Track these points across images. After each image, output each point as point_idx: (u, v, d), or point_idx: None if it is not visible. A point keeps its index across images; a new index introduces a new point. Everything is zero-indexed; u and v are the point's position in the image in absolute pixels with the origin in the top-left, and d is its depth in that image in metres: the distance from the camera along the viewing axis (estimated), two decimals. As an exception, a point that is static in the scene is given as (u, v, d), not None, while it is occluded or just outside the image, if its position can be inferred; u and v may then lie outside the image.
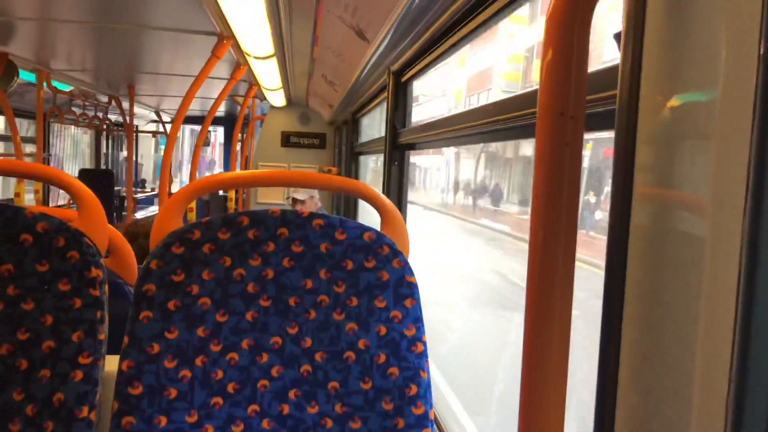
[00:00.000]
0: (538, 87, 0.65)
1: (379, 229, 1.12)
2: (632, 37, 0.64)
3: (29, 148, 5.74)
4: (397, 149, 2.36)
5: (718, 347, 0.53)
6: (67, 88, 5.25)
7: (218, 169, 15.16)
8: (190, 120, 8.50)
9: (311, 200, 4.18)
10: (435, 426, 1.22)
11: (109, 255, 1.32)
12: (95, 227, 1.09)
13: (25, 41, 3.60)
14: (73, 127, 7.74)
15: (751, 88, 0.50)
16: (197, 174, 4.42)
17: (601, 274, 0.65)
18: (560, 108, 0.59)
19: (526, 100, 1.11)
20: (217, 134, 13.63)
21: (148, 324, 1.01)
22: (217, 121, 8.79)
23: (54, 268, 1.02)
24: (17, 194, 3.97)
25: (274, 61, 3.24)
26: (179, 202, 1.12)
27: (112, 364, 1.06)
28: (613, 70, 0.73)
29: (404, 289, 1.06)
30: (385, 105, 2.52)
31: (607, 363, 0.66)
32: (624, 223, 0.65)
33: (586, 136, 0.63)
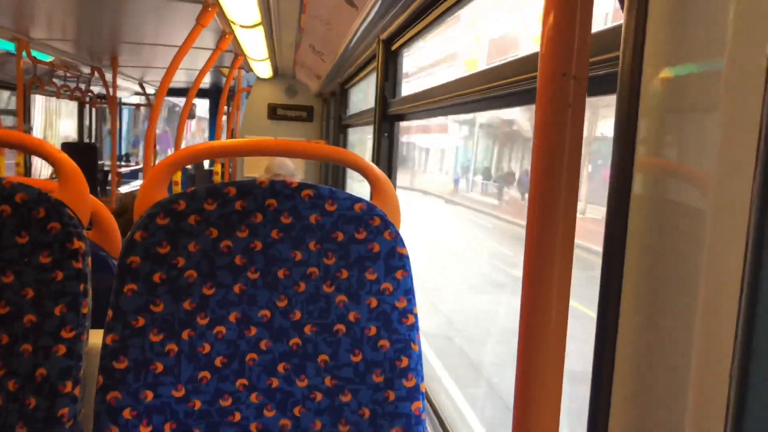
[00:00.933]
0: (538, 51, 0.62)
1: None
2: (637, 0, 0.62)
3: (9, 121, 5.63)
4: (387, 120, 2.33)
5: (719, 326, 0.51)
6: (48, 59, 5.14)
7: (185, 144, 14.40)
8: (175, 92, 8.37)
9: (291, 179, 4.14)
10: (425, 399, 1.21)
11: (92, 227, 1.28)
12: (77, 198, 1.06)
13: (4, 8, 3.50)
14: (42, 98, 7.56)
15: (762, 55, 0.47)
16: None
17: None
18: (562, 68, 0.56)
19: (524, 64, 1.08)
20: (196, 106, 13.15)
21: (133, 297, 0.98)
22: (202, 93, 8.66)
23: (34, 240, 0.99)
24: None
25: (260, 30, 3.18)
26: (163, 172, 1.08)
27: (95, 338, 1.03)
28: (617, 30, 0.71)
29: (395, 260, 1.04)
30: (374, 75, 2.48)
31: (605, 335, 0.65)
32: (624, 193, 0.63)
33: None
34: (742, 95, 0.49)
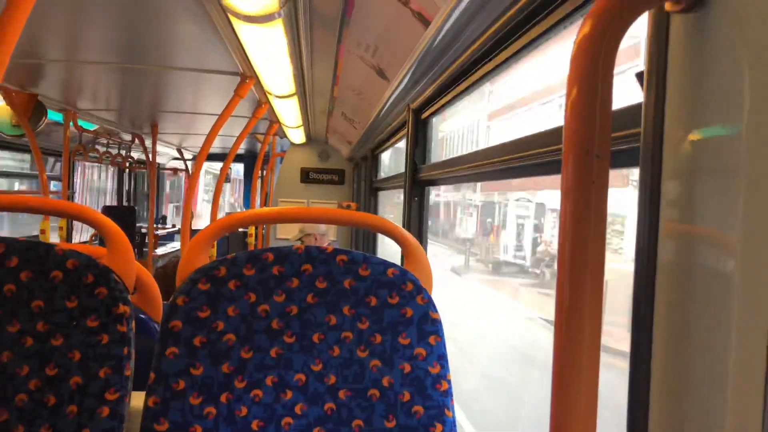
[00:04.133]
0: (561, 125, 0.65)
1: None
2: (655, 76, 0.66)
3: (54, 186, 5.85)
4: (417, 185, 2.38)
5: (750, 386, 0.52)
6: (93, 127, 5.37)
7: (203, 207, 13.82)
8: (212, 157, 8.61)
9: (322, 238, 4.20)
10: None
11: (135, 291, 1.33)
12: (123, 264, 1.11)
13: (54, 82, 3.71)
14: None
15: None
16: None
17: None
18: (586, 146, 0.60)
19: (548, 137, 1.12)
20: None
21: (174, 360, 1.01)
22: (238, 158, 8.90)
23: (83, 304, 1.04)
24: (42, 231, 4.03)
25: (294, 100, 3.30)
26: (205, 239, 1.13)
27: (136, 400, 1.06)
28: (636, 108, 0.74)
29: (428, 325, 1.06)
30: (404, 141, 2.55)
31: (637, 405, 0.65)
32: (650, 260, 0.65)
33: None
34: (760, 160, 0.51)
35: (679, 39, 0.64)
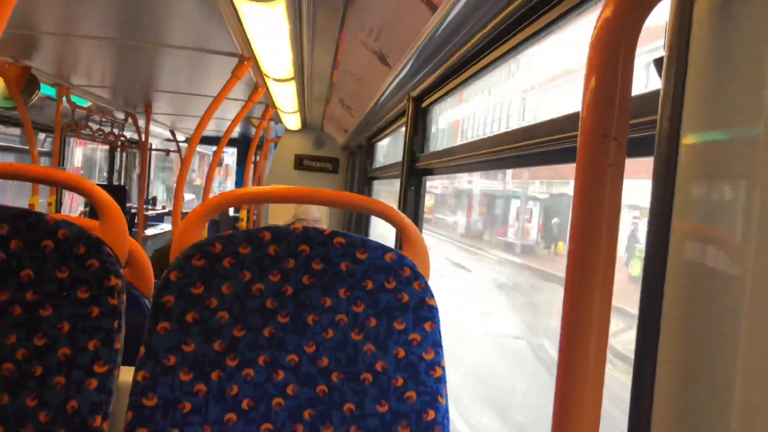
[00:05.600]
0: (574, 111, 0.64)
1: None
2: (675, 65, 0.64)
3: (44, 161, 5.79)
4: (415, 174, 2.36)
5: (759, 394, 0.51)
6: (86, 104, 5.31)
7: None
8: (204, 140, 8.55)
9: (315, 224, 4.17)
10: None
11: (127, 265, 1.31)
12: (116, 236, 1.09)
13: (48, 56, 3.65)
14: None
15: None
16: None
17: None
18: (603, 129, 0.58)
19: (561, 123, 1.10)
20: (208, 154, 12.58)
21: (166, 335, 1.00)
22: (230, 142, 8.84)
23: (73, 275, 1.02)
24: (31, 205, 3.98)
25: (293, 84, 3.26)
26: (201, 215, 1.11)
27: (125, 374, 1.05)
28: (656, 93, 0.73)
29: (424, 311, 1.05)
30: (402, 130, 2.53)
31: (639, 403, 0.64)
32: (660, 259, 0.63)
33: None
34: None
35: (702, 27, 0.62)
